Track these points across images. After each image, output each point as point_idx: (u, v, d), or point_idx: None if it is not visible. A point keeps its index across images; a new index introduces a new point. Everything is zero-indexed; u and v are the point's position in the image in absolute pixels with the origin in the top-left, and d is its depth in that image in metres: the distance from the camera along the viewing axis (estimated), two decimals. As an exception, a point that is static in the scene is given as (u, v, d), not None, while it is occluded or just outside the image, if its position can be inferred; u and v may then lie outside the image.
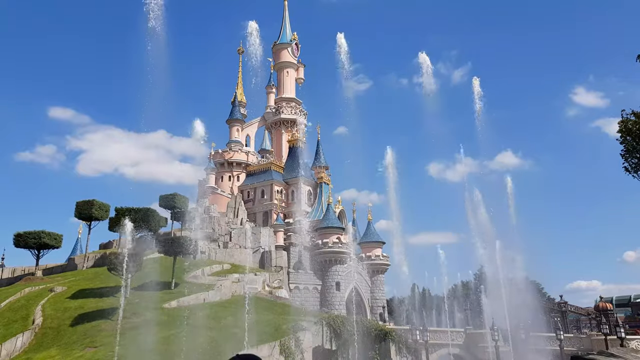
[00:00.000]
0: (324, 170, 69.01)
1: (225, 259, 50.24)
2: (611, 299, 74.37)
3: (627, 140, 21.11)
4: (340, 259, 56.77)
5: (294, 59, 79.60)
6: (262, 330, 29.33)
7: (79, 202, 48.08)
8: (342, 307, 53.79)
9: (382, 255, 64.02)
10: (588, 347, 36.74)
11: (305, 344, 30.08)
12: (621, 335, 34.08)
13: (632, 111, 21.31)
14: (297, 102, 77.98)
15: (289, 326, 30.77)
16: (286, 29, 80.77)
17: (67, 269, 50.00)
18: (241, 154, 70.63)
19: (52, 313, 32.65)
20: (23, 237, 45.37)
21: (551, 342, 37.25)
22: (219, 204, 64.55)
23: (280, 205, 64.98)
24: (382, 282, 63.22)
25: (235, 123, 73.41)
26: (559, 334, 34.95)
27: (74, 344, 27.56)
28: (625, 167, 21.42)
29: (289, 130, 75.18)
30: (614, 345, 34.05)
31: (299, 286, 54.43)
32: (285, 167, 69.60)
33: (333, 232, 57.68)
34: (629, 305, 77.48)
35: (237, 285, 40.48)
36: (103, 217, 48.40)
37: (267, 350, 27.20)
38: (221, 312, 33.14)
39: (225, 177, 69.43)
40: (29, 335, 29.53)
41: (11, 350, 27.92)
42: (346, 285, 56.44)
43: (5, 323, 32.03)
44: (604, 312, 46.70)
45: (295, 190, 66.92)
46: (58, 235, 47.27)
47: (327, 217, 59.13)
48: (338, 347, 33.79)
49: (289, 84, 78.60)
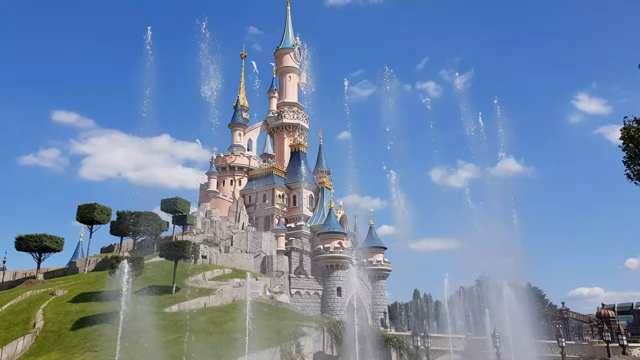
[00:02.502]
0: (325, 175, 69.05)
1: (227, 264, 50.16)
2: (613, 306, 74.18)
3: (630, 147, 21.13)
4: (341, 264, 56.71)
5: (296, 64, 79.79)
6: (263, 335, 29.25)
7: (81, 205, 48.08)
8: (343, 313, 53.69)
9: (384, 260, 63.97)
10: (590, 355, 36.58)
11: (306, 350, 29.99)
12: (623, 342, 33.99)
13: (635, 118, 21.33)
14: (299, 107, 78.10)
15: (290, 331, 30.69)
16: (289, 33, 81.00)
17: (68, 272, 49.99)
18: (243, 159, 70.71)
19: (53, 317, 32.64)
20: (24, 240, 45.33)
21: (553, 349, 37.09)
22: (221, 208, 64.62)
23: (282, 210, 64.96)
24: (383, 288, 63.13)
25: (238, 127, 73.58)
26: (560, 341, 34.81)
27: (74, 348, 27.54)
28: (627, 174, 21.43)
29: (291, 135, 75.30)
30: (616, 353, 33.95)
31: (300, 291, 54.39)
32: (287, 172, 69.66)
33: (334, 237, 57.66)
34: (631, 312, 77.15)
35: (238, 290, 40.42)
36: (105, 220, 48.39)
37: (268, 356, 27.13)
38: (222, 317, 33.09)
39: (227, 182, 69.51)
40: (29, 339, 29.53)
41: (12, 354, 27.93)
42: (347, 291, 56.33)
43: (6, 326, 32.03)
44: (606, 320, 46.48)
45: (297, 195, 66.94)
46: (59, 238, 47.24)
47: (328, 222, 59.12)
48: (339, 352, 33.70)
49: (291, 89, 78.76)
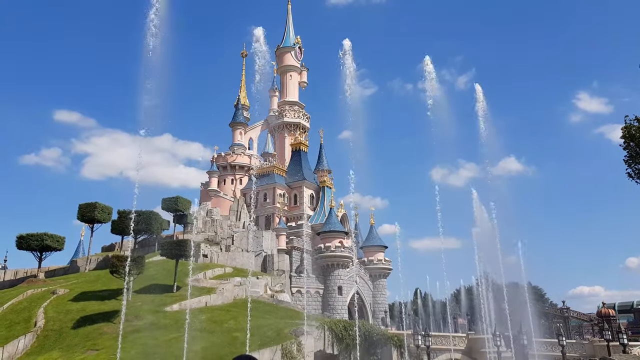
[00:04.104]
0: (326, 174, 69.04)
1: (228, 262, 50.18)
2: (614, 305, 74.03)
3: (631, 146, 21.09)
4: (342, 263, 56.72)
5: (297, 63, 79.75)
6: (264, 334, 29.32)
7: (82, 204, 48.13)
8: (344, 312, 53.74)
9: (385, 259, 63.98)
10: (590, 354, 36.58)
11: (307, 348, 30.03)
12: (624, 341, 33.94)
13: (636, 117, 21.29)
14: (300, 106, 78.06)
15: (290, 330, 30.73)
16: (290, 32, 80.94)
17: (69, 271, 50.05)
18: (244, 157, 70.76)
19: (54, 315, 32.68)
20: (25, 239, 45.36)
21: (553, 348, 37.10)
22: (222, 207, 64.69)
23: (283, 209, 64.98)
24: (384, 287, 63.16)
25: (239, 126, 73.60)
26: (561, 340, 34.79)
27: (75, 347, 27.58)
28: (628, 173, 21.39)
29: (292, 134, 75.28)
30: (616, 352, 33.92)
31: (300, 290, 54.42)
32: (288, 171, 69.64)
33: (335, 236, 57.66)
34: (631, 311, 77.00)
35: (239, 289, 40.47)
36: (106, 219, 48.44)
37: (269, 355, 27.17)
38: (223, 316, 33.14)
39: (227, 180, 69.55)
40: (31, 338, 29.57)
41: (13, 353, 27.96)
42: (348, 290, 56.38)
43: (7, 325, 32.07)
44: (606, 318, 46.51)
45: (297, 194, 66.95)
46: (60, 237, 47.27)
47: (329, 221, 59.12)
48: (340, 351, 33.74)
49: (292, 88, 78.73)
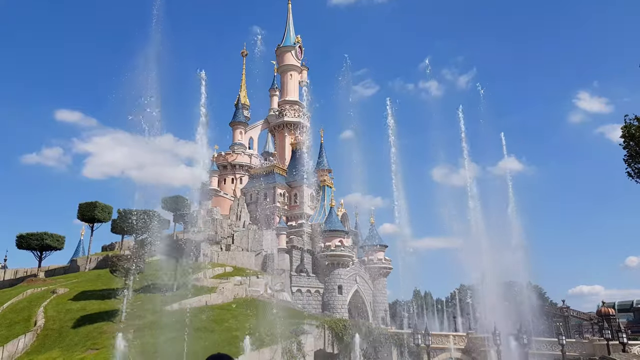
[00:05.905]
0: (326, 173, 68.99)
1: (228, 262, 50.22)
2: (613, 304, 73.99)
3: (630, 145, 21.12)
4: (342, 262, 56.71)
5: (297, 62, 79.67)
6: (264, 333, 29.34)
7: (82, 203, 48.20)
8: (344, 311, 53.71)
9: (385, 258, 63.96)
10: (590, 353, 36.57)
11: (307, 348, 30.07)
12: (623, 340, 33.91)
13: (636, 116, 21.32)
14: (300, 105, 77.96)
15: (291, 329, 30.76)
16: (290, 31, 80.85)
17: (69, 270, 50.09)
18: (244, 157, 70.68)
19: (54, 315, 32.72)
20: (25, 239, 45.42)
21: (553, 347, 37.11)
22: (222, 206, 64.66)
23: (283, 208, 64.96)
24: (384, 286, 63.15)
25: (239, 126, 73.51)
26: (561, 339, 34.79)
27: (75, 346, 27.61)
28: (628, 172, 21.44)
29: (292, 133, 75.20)
30: (616, 351, 33.94)
31: (301, 289, 54.42)
32: (288, 170, 69.58)
33: (336, 236, 57.64)
34: (631, 310, 76.99)
35: (239, 288, 40.50)
36: (106, 219, 48.51)
37: (269, 354, 27.20)
38: (223, 315, 33.16)
39: (228, 180, 69.49)
40: (31, 337, 29.60)
41: (13, 352, 27.99)
42: (348, 289, 56.37)
43: (7, 324, 32.11)
44: (606, 317, 46.40)
45: (298, 193, 66.92)
46: (60, 236, 47.33)
47: (329, 220, 59.10)
48: (340, 350, 33.78)
49: (293, 87, 78.63)
